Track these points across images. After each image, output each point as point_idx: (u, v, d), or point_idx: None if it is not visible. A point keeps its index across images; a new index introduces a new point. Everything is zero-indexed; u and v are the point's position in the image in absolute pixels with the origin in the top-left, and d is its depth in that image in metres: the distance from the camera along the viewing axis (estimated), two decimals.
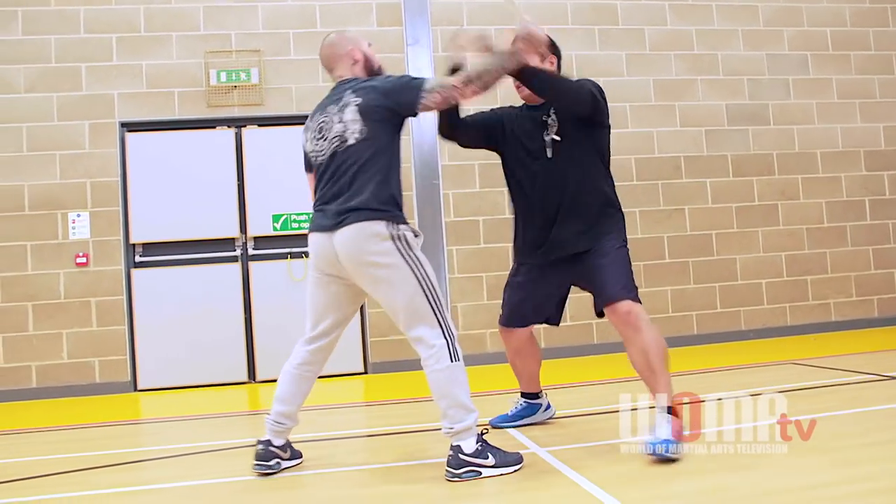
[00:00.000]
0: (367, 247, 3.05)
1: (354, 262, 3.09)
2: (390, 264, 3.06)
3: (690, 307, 7.34)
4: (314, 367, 3.32)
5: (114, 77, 6.62)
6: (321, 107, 3.29)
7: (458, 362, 3.08)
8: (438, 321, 3.10)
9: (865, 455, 3.01)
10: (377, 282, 3.11)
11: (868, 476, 2.76)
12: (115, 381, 6.41)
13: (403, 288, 3.07)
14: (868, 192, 7.85)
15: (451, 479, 3.04)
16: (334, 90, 3.31)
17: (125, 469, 3.65)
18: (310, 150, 3.30)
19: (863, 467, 2.86)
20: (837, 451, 3.09)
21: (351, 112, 3.14)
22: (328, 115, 3.22)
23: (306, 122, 3.37)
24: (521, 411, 4.04)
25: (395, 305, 3.12)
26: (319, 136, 3.23)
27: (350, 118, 3.14)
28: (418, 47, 6.98)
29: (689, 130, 7.48)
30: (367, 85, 3.19)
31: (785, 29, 7.80)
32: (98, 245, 6.47)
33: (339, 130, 3.16)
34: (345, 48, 3.37)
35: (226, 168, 6.73)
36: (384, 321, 6.63)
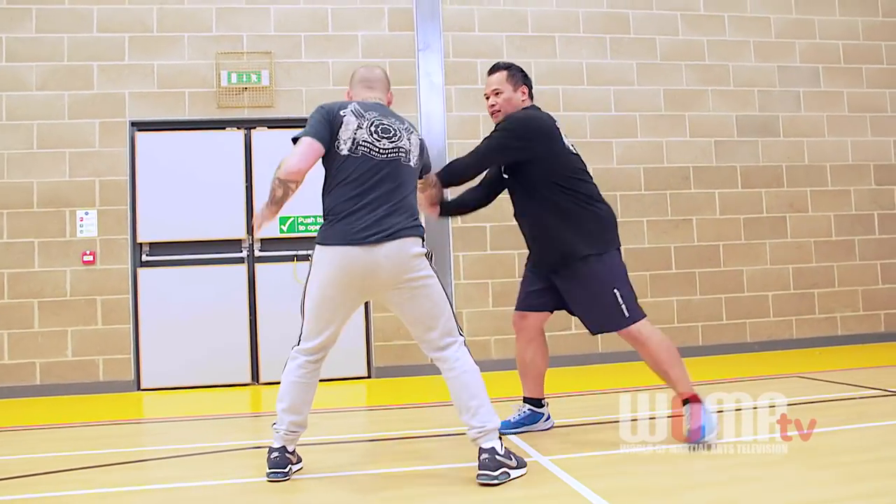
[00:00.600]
0: (412, 263, 3.14)
1: (395, 279, 3.13)
2: (428, 276, 3.19)
3: (696, 318, 7.31)
4: (316, 373, 3.32)
5: (125, 76, 6.64)
6: (373, 108, 3.31)
7: (477, 367, 3.22)
8: (458, 329, 3.25)
9: (872, 470, 2.99)
10: (415, 296, 3.17)
11: (875, 492, 2.74)
12: (119, 379, 6.41)
13: (439, 300, 3.20)
14: (877, 206, 7.82)
15: (487, 483, 2.99)
16: (382, 106, 3.38)
17: (127, 468, 3.64)
18: (362, 139, 3.19)
19: (869, 483, 2.84)
20: (844, 465, 3.07)
21: (415, 140, 3.35)
22: (393, 124, 3.29)
23: (349, 105, 3.29)
24: (524, 418, 4.05)
25: (432, 316, 3.19)
26: (385, 134, 3.24)
27: (414, 144, 3.34)
28: (429, 52, 6.99)
29: (698, 141, 7.47)
30: (415, 131, 3.41)
31: (797, 41, 7.79)
32: (105, 243, 6.48)
33: (405, 146, 3.28)
34: (388, 84, 3.54)
35: (234, 169, 6.74)
36: (388, 325, 6.63)
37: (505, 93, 3.85)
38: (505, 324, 6.78)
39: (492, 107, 3.90)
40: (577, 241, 3.64)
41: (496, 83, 3.88)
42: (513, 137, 3.69)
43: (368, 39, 6.98)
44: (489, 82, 3.92)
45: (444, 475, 3.18)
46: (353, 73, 3.53)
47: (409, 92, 6.92)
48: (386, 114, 3.33)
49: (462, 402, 3.12)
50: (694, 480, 3.01)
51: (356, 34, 6.99)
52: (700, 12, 7.61)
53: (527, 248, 4.00)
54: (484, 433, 3.07)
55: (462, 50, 7.12)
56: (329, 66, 6.91)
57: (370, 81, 3.46)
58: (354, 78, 3.49)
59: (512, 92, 3.86)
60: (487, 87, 3.93)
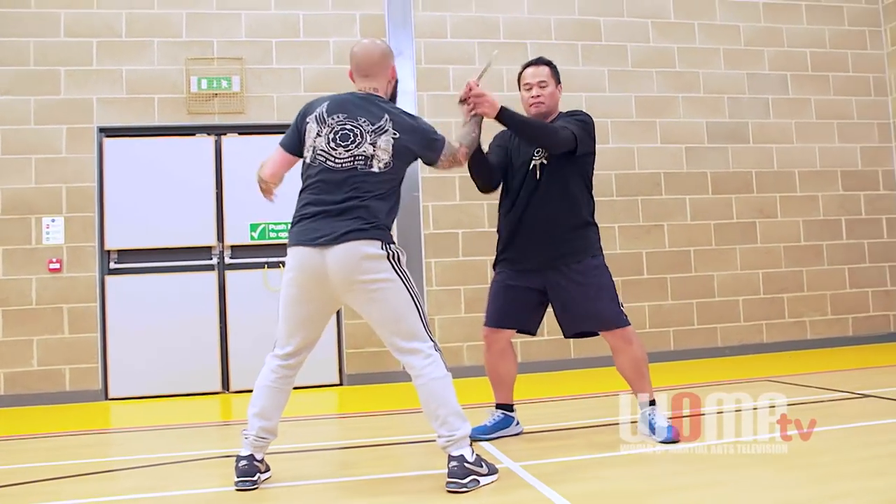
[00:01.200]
0: (363, 265, 3.05)
1: (347, 281, 3.07)
2: (387, 279, 3.08)
3: (668, 323, 7.35)
4: (290, 380, 3.29)
5: (93, 81, 6.56)
6: (344, 107, 3.20)
7: (449, 373, 3.16)
8: (429, 335, 3.17)
9: (841, 471, 3.02)
10: (372, 299, 3.11)
11: (845, 493, 2.75)
12: (86, 389, 6.31)
13: (400, 303, 3.11)
14: (844, 212, 7.92)
15: (455, 490, 2.98)
16: (365, 99, 3.23)
17: (94, 479, 3.57)
18: (319, 147, 3.17)
19: (839, 484, 2.86)
20: (813, 467, 3.09)
21: (385, 142, 3.14)
22: (357, 126, 3.15)
23: (317, 109, 3.23)
24: (499, 423, 4.04)
25: (392, 320, 3.14)
26: (341, 142, 3.14)
27: (383, 147, 3.14)
28: (401, 59, 6.97)
29: (669, 147, 7.52)
30: (408, 124, 3.20)
31: (765, 49, 7.88)
32: (72, 251, 6.38)
33: (366, 151, 3.12)
34: (388, 62, 3.33)
35: (204, 176, 6.68)
36: (360, 332, 6.59)
37: (550, 86, 3.83)
38: (477, 330, 6.75)
39: (536, 97, 3.82)
40: (594, 239, 3.83)
41: (544, 75, 3.83)
42: (591, 131, 3.76)
43: (340, 46, 6.95)
44: (534, 73, 3.84)
45: (414, 482, 3.16)
46: (350, 51, 3.35)
47: None
48: (356, 113, 3.17)
49: (430, 411, 3.09)
50: (664, 484, 3.01)
51: (328, 40, 6.96)
52: (670, 20, 7.68)
53: (504, 249, 3.92)
54: (452, 441, 3.05)
55: (434, 56, 7.12)
56: (300, 72, 6.87)
57: (366, 67, 3.28)
58: (351, 60, 3.32)
59: (554, 86, 3.86)
60: (532, 76, 3.84)
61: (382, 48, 3.35)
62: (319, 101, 3.30)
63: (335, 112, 3.20)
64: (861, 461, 3.16)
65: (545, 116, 3.83)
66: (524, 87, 3.88)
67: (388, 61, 3.33)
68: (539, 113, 3.82)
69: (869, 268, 7.93)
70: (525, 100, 3.87)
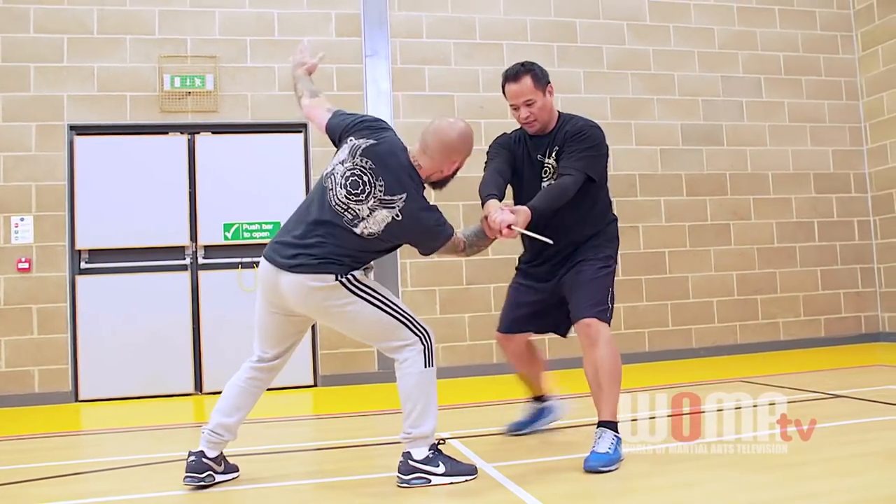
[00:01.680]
0: (315, 294, 3.03)
1: (303, 305, 3.09)
2: (346, 304, 3.06)
3: (643, 324, 7.38)
4: (262, 384, 3.28)
5: (63, 78, 6.47)
6: (378, 158, 3.06)
7: (431, 368, 3.14)
8: (412, 329, 3.14)
9: (812, 472, 3.03)
10: (336, 320, 3.14)
11: (815, 493, 2.77)
12: (56, 391, 6.21)
13: (366, 318, 3.09)
14: (817, 214, 8.00)
15: (401, 486, 3.07)
16: (402, 167, 3.08)
17: (62, 482, 3.51)
18: (335, 174, 3.09)
19: (810, 484, 2.87)
20: (786, 467, 3.10)
21: (383, 216, 3.03)
22: (373, 185, 3.03)
23: (362, 140, 3.12)
24: (534, 416, 4.06)
25: (362, 334, 3.21)
26: (350, 187, 3.04)
27: (379, 219, 3.04)
28: (377, 59, 6.95)
29: (644, 149, 7.55)
30: (416, 217, 3.06)
31: (739, 52, 7.95)
32: (42, 250, 6.29)
33: (360, 212, 3.04)
34: (453, 156, 3.17)
35: (177, 175, 6.61)
36: (335, 334, 6.53)
37: (537, 101, 3.48)
38: (452, 331, 6.78)
39: (526, 119, 3.52)
40: (610, 236, 3.64)
41: (528, 93, 3.47)
42: (603, 154, 3.55)
43: (315, 45, 6.87)
44: (517, 92, 3.48)
45: (387, 484, 3.13)
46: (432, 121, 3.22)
47: (356, 98, 6.87)
48: (382, 172, 3.03)
49: (401, 404, 3.13)
50: (636, 485, 3.01)
51: (303, 39, 6.86)
52: (646, 22, 7.71)
53: (521, 255, 3.85)
54: (409, 438, 3.08)
55: (410, 57, 7.09)
56: (275, 70, 6.82)
57: (429, 140, 3.13)
58: (429, 125, 3.19)
59: (543, 97, 3.50)
60: (515, 97, 3.49)
61: (460, 139, 3.15)
62: (371, 132, 3.16)
63: (367, 157, 3.08)
64: (832, 461, 3.18)
65: (544, 130, 3.58)
66: (511, 106, 3.56)
67: (454, 155, 3.16)
68: (534, 131, 3.58)
69: (841, 269, 8.01)
70: (516, 118, 3.58)
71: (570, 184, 3.36)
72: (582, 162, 3.43)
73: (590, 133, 3.52)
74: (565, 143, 3.51)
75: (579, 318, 3.42)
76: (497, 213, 3.20)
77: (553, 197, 3.34)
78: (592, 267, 3.50)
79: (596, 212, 3.61)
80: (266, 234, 6.62)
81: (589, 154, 3.47)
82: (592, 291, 3.45)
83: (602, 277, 3.50)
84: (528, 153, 3.64)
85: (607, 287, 3.50)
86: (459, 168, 3.26)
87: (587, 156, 3.46)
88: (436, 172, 3.20)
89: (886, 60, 7.94)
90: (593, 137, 3.51)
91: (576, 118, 3.62)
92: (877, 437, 3.62)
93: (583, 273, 3.49)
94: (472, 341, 6.89)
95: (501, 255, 6.89)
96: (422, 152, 3.16)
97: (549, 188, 3.45)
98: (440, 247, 3.17)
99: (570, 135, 3.51)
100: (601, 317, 3.39)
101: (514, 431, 4.03)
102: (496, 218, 3.17)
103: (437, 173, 3.20)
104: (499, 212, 3.20)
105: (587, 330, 3.37)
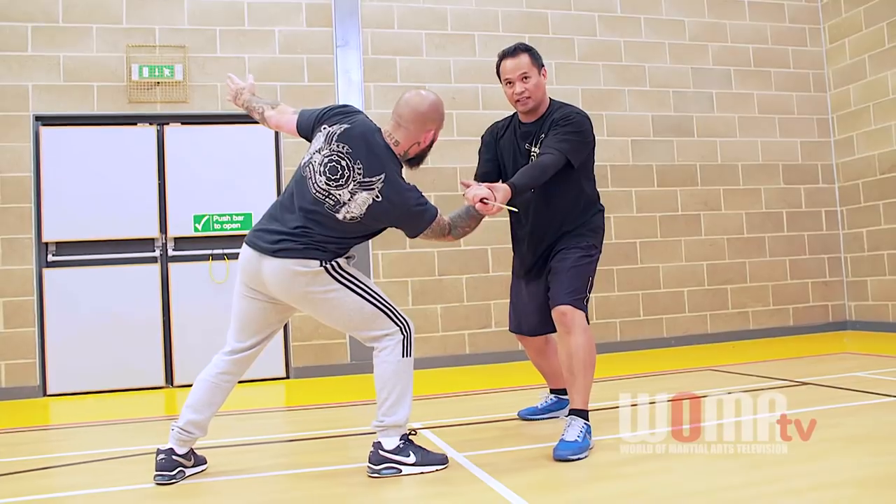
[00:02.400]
0: (298, 279, 3.04)
1: (285, 291, 3.08)
2: (328, 290, 3.07)
3: (614, 314, 7.43)
4: (233, 378, 3.25)
5: (28, 68, 6.35)
6: (353, 141, 3.08)
7: (409, 358, 3.16)
8: (392, 318, 3.16)
9: (776, 458, 3.07)
10: (317, 308, 3.14)
11: (776, 478, 2.81)
12: (23, 385, 6.12)
13: (347, 307, 3.10)
14: (786, 205, 8.10)
15: (371, 476, 3.08)
16: (377, 147, 3.10)
17: (29, 476, 3.47)
18: (313, 163, 3.10)
19: (771, 469, 2.92)
20: (749, 454, 3.14)
21: (364, 199, 3.04)
22: (350, 168, 3.05)
23: (335, 126, 3.14)
24: (551, 405, 4.08)
25: (342, 323, 3.19)
26: (329, 173, 3.06)
27: (360, 202, 3.05)
28: (348, 49, 6.91)
29: (615, 140, 7.59)
30: (397, 195, 3.06)
31: (709, 44, 8.01)
32: (7, 243, 6.18)
33: (341, 198, 3.05)
34: (428, 125, 3.18)
35: (146, 166, 6.53)
36: (307, 325, 6.53)
37: (533, 77, 3.53)
38: (425, 322, 6.78)
39: (521, 94, 3.54)
40: (595, 226, 3.65)
41: (525, 67, 3.52)
42: (588, 142, 3.54)
43: (286, 35, 6.86)
44: (514, 66, 3.53)
45: (359, 474, 3.13)
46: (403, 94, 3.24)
47: (327, 89, 6.83)
48: (359, 154, 3.06)
49: (376, 392, 3.13)
50: (604, 473, 3.04)
51: (273, 29, 6.86)
52: (617, 13, 7.74)
53: (515, 254, 3.84)
54: (382, 426, 3.10)
55: (381, 47, 7.06)
56: (245, 60, 6.76)
57: (401, 114, 3.16)
58: (398, 100, 3.21)
59: (538, 76, 3.56)
60: (512, 71, 3.53)
61: (432, 108, 3.18)
62: (343, 116, 3.19)
63: (343, 141, 3.10)
64: (795, 447, 3.22)
65: (535, 110, 3.60)
66: (505, 82, 3.59)
67: (429, 124, 3.19)
68: (527, 109, 3.59)
69: (809, 259, 8.12)
70: (509, 96, 3.60)
71: (549, 162, 3.37)
72: (564, 144, 3.43)
73: (576, 119, 3.54)
74: (550, 129, 3.53)
75: (555, 305, 3.44)
76: (474, 187, 3.22)
77: (531, 175, 3.34)
78: (573, 255, 3.53)
79: (581, 203, 3.63)
80: (237, 225, 6.57)
81: (572, 137, 3.47)
82: (571, 279, 3.48)
83: (583, 266, 3.52)
84: (515, 141, 3.68)
85: (587, 276, 3.53)
86: (435, 140, 3.27)
87: (570, 139, 3.46)
88: (413, 146, 3.20)
89: (853, 53, 8.05)
90: (579, 123, 3.53)
91: (566, 106, 3.64)
92: (840, 422, 3.67)
93: (564, 261, 3.52)
94: (444, 332, 6.90)
95: (473, 245, 6.92)
96: (396, 126, 3.17)
97: (528, 166, 3.45)
98: (425, 227, 3.16)
99: (556, 120, 3.54)
100: (577, 305, 3.42)
101: (526, 417, 4.09)
102: (472, 192, 3.19)
103: (413, 146, 3.21)
104: (476, 186, 3.22)
105: (563, 318, 3.40)
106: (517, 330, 3.92)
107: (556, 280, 3.51)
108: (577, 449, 3.20)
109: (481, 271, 7.07)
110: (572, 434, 3.25)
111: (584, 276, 3.52)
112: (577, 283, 3.48)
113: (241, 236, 6.42)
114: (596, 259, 3.61)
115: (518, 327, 3.90)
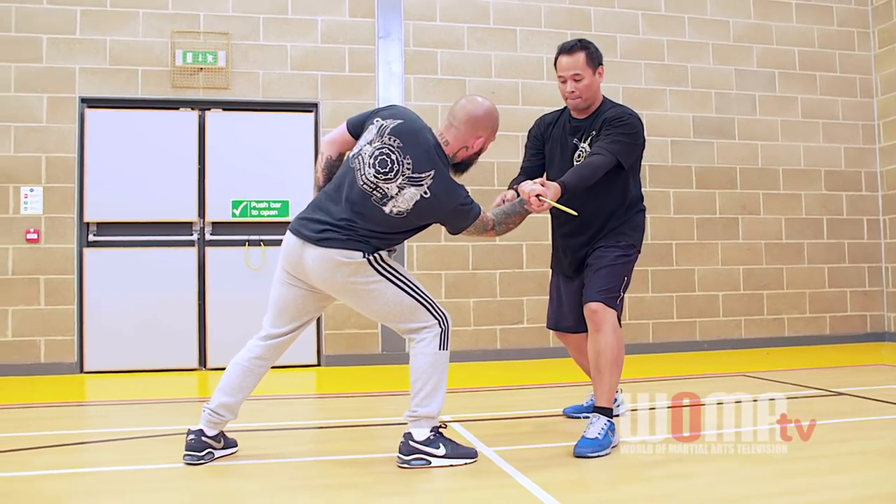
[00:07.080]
0: (341, 269, 3.06)
1: (326, 281, 3.11)
2: (369, 281, 3.10)
3: (647, 315, 7.38)
4: (267, 362, 3.28)
5: (76, 51, 6.46)
6: (405, 137, 3.09)
7: (446, 351, 3.18)
8: (432, 312, 3.18)
9: (809, 467, 3.04)
10: (358, 298, 3.17)
11: (809, 488, 2.78)
12: (61, 361, 6.25)
13: (387, 299, 3.13)
14: (826, 212, 7.97)
15: (401, 466, 3.10)
16: (428, 144, 3.10)
17: (64, 451, 3.54)
18: (363, 154, 3.11)
19: (806, 479, 2.88)
20: (782, 462, 3.10)
21: (412, 194, 3.06)
22: (400, 163, 3.05)
23: (388, 120, 3.14)
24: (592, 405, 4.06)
25: (382, 314, 3.21)
26: (379, 166, 3.07)
27: (407, 198, 3.06)
28: (389, 40, 6.93)
29: (655, 140, 7.51)
30: (444, 191, 3.07)
31: (754, 45, 7.89)
32: (50, 222, 6.31)
33: (388, 191, 3.06)
34: (479, 131, 3.19)
35: (187, 151, 6.61)
36: (340, 313, 6.58)
37: (586, 78, 3.48)
38: (457, 316, 6.79)
39: (572, 92, 3.51)
40: (635, 224, 3.62)
41: (577, 67, 3.47)
42: (639, 144, 3.52)
43: (328, 24, 6.90)
44: (568, 64, 3.49)
45: (387, 464, 3.15)
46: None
47: (367, 80, 6.85)
48: (410, 150, 3.06)
49: (411, 384, 3.15)
50: (634, 475, 3.03)
51: (316, 19, 6.89)
52: (661, 12, 7.66)
53: (554, 249, 3.82)
54: (413, 418, 3.12)
55: (422, 39, 7.07)
56: (287, 49, 6.81)
57: (455, 116, 3.18)
58: (455, 104, 3.24)
59: (592, 76, 3.50)
60: (566, 69, 3.49)
61: (487, 114, 3.20)
62: (396, 112, 3.21)
63: (395, 135, 3.10)
64: (830, 458, 3.18)
65: (586, 108, 3.58)
66: (559, 77, 3.56)
67: (480, 130, 3.19)
68: (577, 107, 3.57)
69: (848, 268, 7.99)
70: (561, 91, 3.58)
71: (600, 163, 3.36)
72: (616, 145, 3.42)
73: (629, 120, 3.50)
74: (602, 128, 3.51)
75: (587, 302, 3.44)
76: (528, 183, 3.23)
77: (583, 175, 3.33)
78: (611, 253, 3.51)
79: (626, 202, 3.60)
80: (275, 212, 6.63)
81: (624, 140, 3.45)
82: (606, 277, 3.46)
83: (619, 265, 3.50)
84: (563, 135, 3.66)
85: (623, 275, 3.50)
86: (484, 149, 3.28)
87: (622, 141, 3.44)
88: (461, 149, 3.21)
89: None
90: (632, 125, 3.50)
91: (618, 106, 3.61)
92: (877, 435, 3.62)
93: (601, 259, 3.50)
94: (476, 326, 6.91)
95: (508, 241, 6.90)
96: (448, 126, 3.20)
97: (579, 166, 3.43)
98: (468, 225, 3.17)
99: (609, 120, 3.51)
100: (609, 303, 3.41)
101: (572, 415, 4.08)
102: (526, 187, 3.19)
103: (462, 150, 3.22)
104: (530, 182, 3.23)
105: (593, 315, 3.39)
106: (555, 327, 3.90)
107: (591, 277, 3.50)
108: (598, 446, 3.22)
109: (515, 267, 7.06)
110: (594, 431, 3.27)
111: (620, 275, 3.50)
112: (611, 281, 3.46)
113: (278, 223, 6.52)
114: (633, 259, 3.59)
115: (556, 324, 3.88)
